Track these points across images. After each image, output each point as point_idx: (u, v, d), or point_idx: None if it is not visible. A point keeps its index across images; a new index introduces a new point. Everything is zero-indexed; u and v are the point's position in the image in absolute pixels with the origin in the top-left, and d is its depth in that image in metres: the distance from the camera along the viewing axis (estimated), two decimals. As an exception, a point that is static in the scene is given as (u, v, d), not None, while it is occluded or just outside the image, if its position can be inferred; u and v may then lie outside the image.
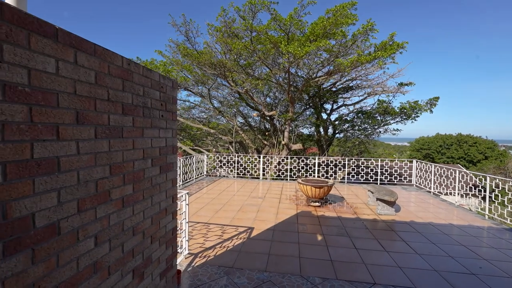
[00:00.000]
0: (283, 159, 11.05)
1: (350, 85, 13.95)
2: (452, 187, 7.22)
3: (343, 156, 14.68)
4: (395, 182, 9.24)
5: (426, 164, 8.24)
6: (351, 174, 13.39)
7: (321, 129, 15.10)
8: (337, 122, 15.14)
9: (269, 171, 11.56)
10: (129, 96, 1.61)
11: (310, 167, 9.64)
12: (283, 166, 11.25)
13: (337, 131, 15.44)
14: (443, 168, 7.41)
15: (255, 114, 14.36)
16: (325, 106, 15.51)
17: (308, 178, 6.77)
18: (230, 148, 14.53)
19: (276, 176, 11.49)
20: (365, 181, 9.30)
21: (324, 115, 15.30)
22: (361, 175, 9.36)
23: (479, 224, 4.90)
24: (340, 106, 15.31)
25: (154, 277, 1.95)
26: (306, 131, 17.00)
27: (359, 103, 14.44)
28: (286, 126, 12.11)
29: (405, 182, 9.02)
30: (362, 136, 15.07)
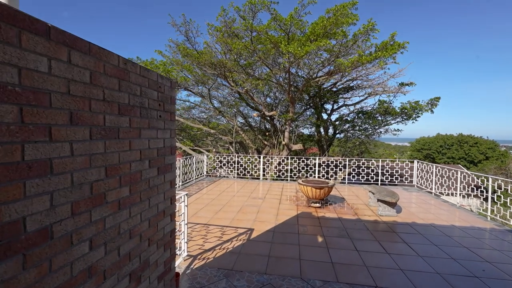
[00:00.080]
0: (284, 160, 11.02)
1: (351, 85, 13.90)
2: (454, 188, 7.17)
3: (344, 157, 14.63)
4: (396, 183, 9.20)
5: (428, 165, 8.19)
6: (352, 175, 13.34)
7: (322, 129, 15.06)
8: (338, 122, 15.09)
9: (269, 172, 11.52)
10: (126, 96, 1.57)
11: (311, 168, 9.59)
12: (284, 167, 11.21)
13: (338, 131, 15.39)
14: (445, 169, 7.37)
15: (255, 114, 14.33)
16: (326, 106, 15.48)
17: (309, 179, 6.73)
18: (230, 148, 14.50)
19: (277, 177, 11.46)
20: (366, 182, 9.26)
21: (325, 115, 15.28)
22: (362, 176, 9.31)
23: (481, 226, 4.86)
24: (341, 106, 15.28)
25: (152, 281, 1.92)
26: (307, 131, 16.97)
27: (360, 103, 14.41)
28: (287, 126, 12.07)
29: (406, 183, 8.97)
30: (363, 137, 15.02)
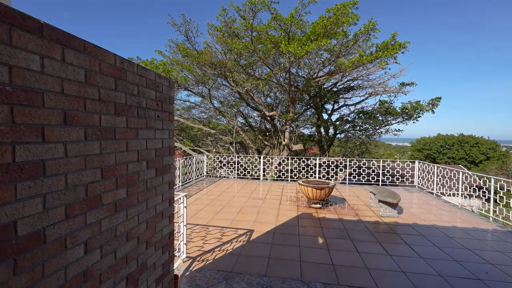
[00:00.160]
0: (284, 160, 10.98)
1: (351, 85, 13.86)
2: (456, 189, 7.12)
3: (344, 157, 14.59)
4: (397, 183, 9.15)
5: (429, 165, 8.15)
6: (352, 175, 13.29)
7: (322, 130, 15.01)
8: (338, 123, 15.04)
9: (270, 172, 11.49)
10: (123, 96, 1.54)
11: (311, 168, 9.55)
12: (284, 167, 11.17)
13: (338, 132, 15.35)
14: (446, 169, 7.32)
15: (256, 114, 14.28)
16: (326, 106, 15.44)
17: (309, 179, 6.69)
18: (231, 149, 14.46)
19: (277, 177, 11.42)
20: (367, 182, 9.21)
21: (325, 115, 15.24)
22: (363, 176, 9.26)
23: (484, 227, 4.81)
24: (341, 106, 15.24)
25: (150, 284, 1.88)
26: (307, 132, 16.93)
27: (360, 103, 14.37)
28: (287, 127, 12.03)
29: (407, 183, 8.92)
30: (363, 137, 14.97)
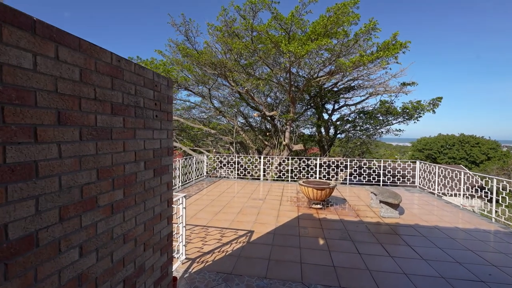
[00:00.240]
0: (284, 160, 10.94)
1: (352, 85, 13.81)
2: (457, 189, 7.08)
3: (345, 157, 14.54)
4: (398, 184, 9.10)
5: (430, 165, 8.10)
6: (353, 175, 13.26)
7: (323, 130, 14.97)
8: (339, 123, 15.00)
9: (270, 172, 11.45)
10: (119, 95, 1.50)
11: (312, 168, 9.51)
12: (284, 167, 11.13)
13: (339, 132, 15.30)
14: (448, 170, 7.27)
15: (256, 114, 14.24)
16: (327, 106, 15.40)
17: (310, 180, 6.65)
18: (231, 149, 14.43)
19: (277, 177, 11.38)
20: (368, 183, 9.16)
21: (326, 115, 15.20)
22: (363, 176, 9.21)
23: (486, 228, 4.77)
24: (342, 106, 15.20)
25: (148, 286, 1.85)
26: (307, 132, 16.90)
27: (361, 103, 14.33)
28: (287, 127, 11.99)
29: (408, 184, 8.87)
30: (364, 137, 14.92)
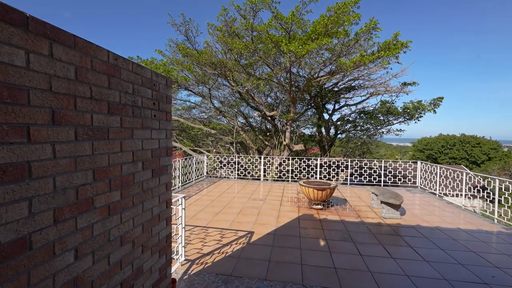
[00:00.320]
0: (285, 160, 10.91)
1: (353, 85, 13.76)
2: (459, 189, 7.03)
3: (345, 157, 14.51)
4: (399, 184, 9.06)
5: (431, 166, 8.06)
6: (354, 176, 13.22)
7: (323, 130, 14.93)
8: (339, 123, 14.96)
9: (270, 172, 11.41)
10: (116, 94, 1.47)
11: (312, 168, 9.47)
12: (285, 167, 11.09)
13: (339, 132, 15.26)
14: (449, 170, 7.23)
15: (256, 114, 14.21)
16: (327, 106, 15.36)
17: (310, 180, 6.62)
18: (231, 149, 14.40)
19: (277, 178, 11.34)
20: (368, 183, 9.12)
21: (326, 115, 15.16)
22: (364, 177, 9.17)
23: (488, 229, 4.73)
24: (342, 106, 15.16)
25: (146, 289, 1.81)
26: (308, 132, 16.86)
27: (362, 103, 14.29)
28: (288, 127, 11.96)
29: (409, 184, 8.83)
30: (365, 137, 14.88)
